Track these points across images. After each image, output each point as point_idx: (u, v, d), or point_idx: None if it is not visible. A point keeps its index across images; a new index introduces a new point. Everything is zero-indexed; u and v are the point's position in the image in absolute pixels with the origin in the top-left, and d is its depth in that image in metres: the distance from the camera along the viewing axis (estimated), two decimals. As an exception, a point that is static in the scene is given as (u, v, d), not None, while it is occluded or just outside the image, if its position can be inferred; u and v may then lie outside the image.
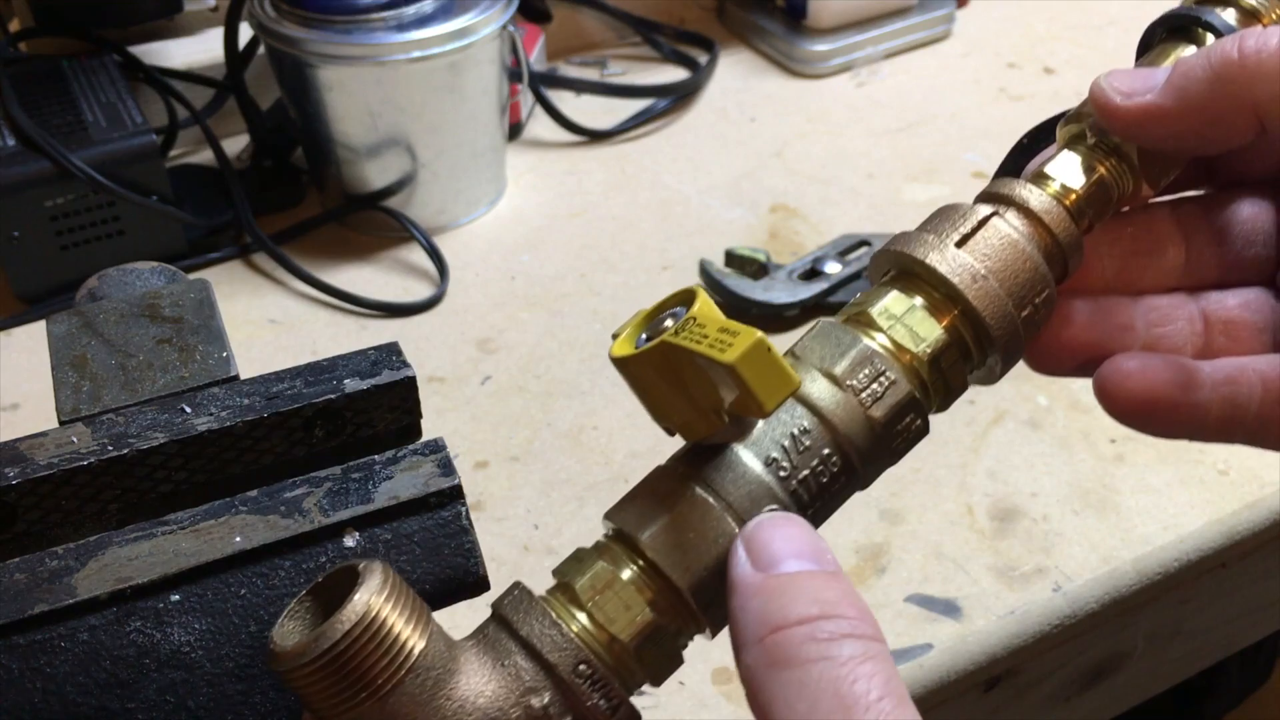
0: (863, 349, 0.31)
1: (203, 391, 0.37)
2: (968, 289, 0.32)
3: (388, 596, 0.27)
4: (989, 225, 0.33)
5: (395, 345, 0.39)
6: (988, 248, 0.32)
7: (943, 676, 0.55)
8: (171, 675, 0.30)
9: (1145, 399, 0.33)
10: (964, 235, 0.33)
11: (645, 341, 0.30)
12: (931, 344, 0.32)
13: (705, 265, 0.78)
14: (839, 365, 0.31)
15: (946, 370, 0.32)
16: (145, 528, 0.32)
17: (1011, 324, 0.32)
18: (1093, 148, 0.35)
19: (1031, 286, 0.33)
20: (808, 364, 0.32)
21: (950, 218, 0.33)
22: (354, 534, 0.33)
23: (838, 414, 0.31)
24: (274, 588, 0.31)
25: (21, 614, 0.30)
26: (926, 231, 0.33)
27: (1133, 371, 0.33)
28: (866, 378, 0.31)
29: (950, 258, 0.32)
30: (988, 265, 0.32)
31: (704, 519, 0.30)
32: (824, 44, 1.03)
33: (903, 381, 0.31)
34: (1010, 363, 0.33)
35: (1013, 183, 0.34)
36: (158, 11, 0.90)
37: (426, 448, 0.35)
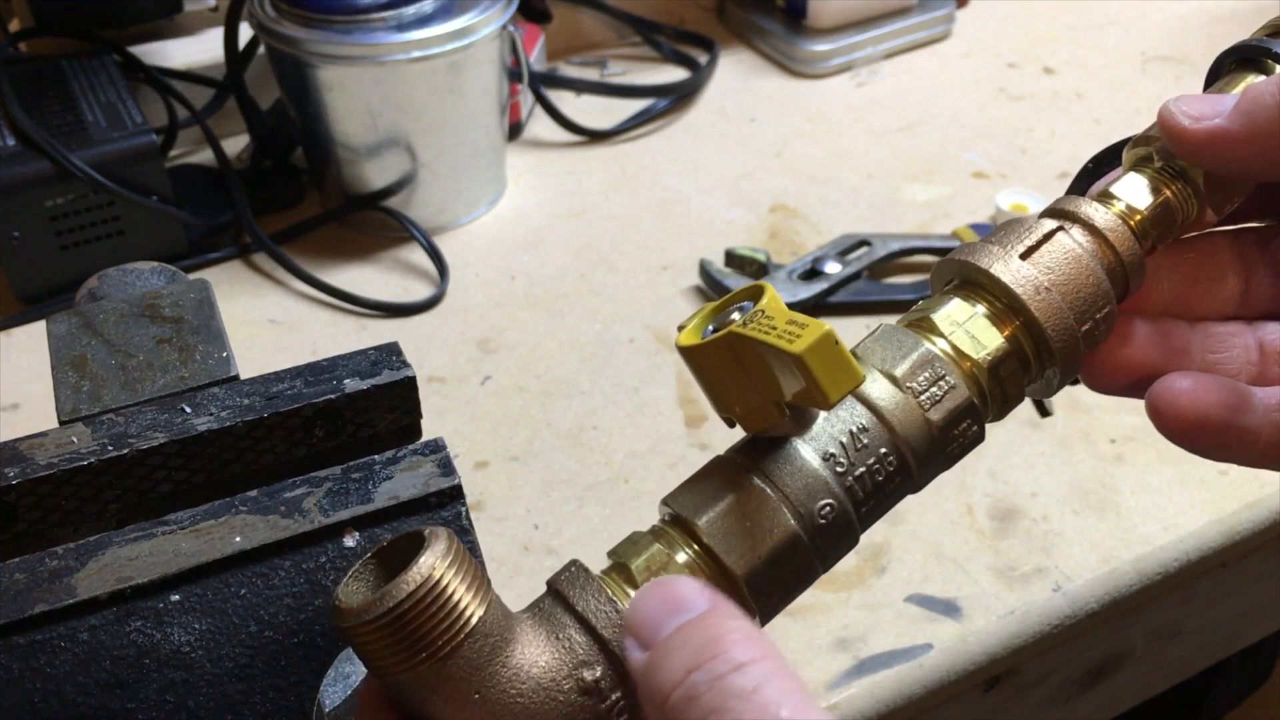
0: (924, 352, 0.32)
1: (203, 391, 0.37)
2: (1030, 300, 0.32)
3: (451, 562, 0.27)
4: (1054, 239, 0.33)
5: (395, 345, 0.39)
6: (1052, 261, 0.33)
7: (943, 676, 0.55)
8: (171, 675, 0.30)
9: (1196, 419, 0.33)
10: (1029, 247, 0.33)
11: (712, 333, 0.30)
12: (992, 352, 0.33)
13: (705, 265, 0.78)
14: (900, 366, 0.32)
15: (1005, 379, 0.33)
16: (145, 528, 0.32)
17: (1072, 337, 0.33)
18: (1159, 171, 0.35)
19: (1093, 302, 0.33)
20: (869, 364, 0.32)
21: (1016, 230, 0.34)
22: (354, 534, 0.33)
23: (896, 414, 0.31)
24: (274, 588, 0.31)
25: (21, 614, 0.30)
26: (992, 243, 0.34)
27: (1185, 391, 0.34)
28: (926, 380, 0.32)
29: (1015, 269, 0.33)
30: (1051, 278, 0.33)
31: (760, 508, 0.30)
32: (824, 44, 1.03)
33: (962, 387, 0.32)
34: (1069, 376, 0.34)
35: (1079, 200, 0.34)
36: (158, 11, 0.90)
37: (426, 448, 0.35)
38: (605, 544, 0.65)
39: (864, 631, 0.56)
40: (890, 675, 0.54)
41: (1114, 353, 0.35)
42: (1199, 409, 0.33)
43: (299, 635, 0.31)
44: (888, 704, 0.54)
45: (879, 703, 0.54)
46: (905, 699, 0.54)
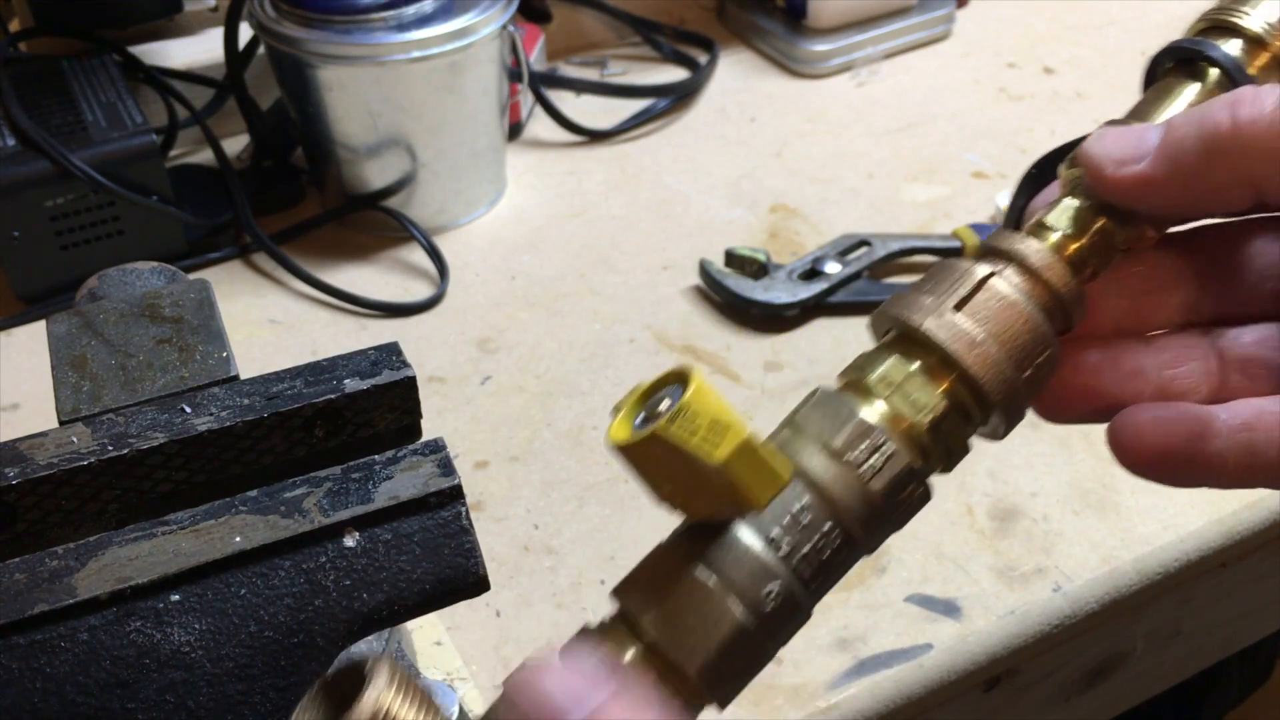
0: (860, 421, 0.31)
1: (203, 391, 0.37)
2: (966, 356, 0.31)
3: (396, 690, 0.27)
4: (987, 287, 0.32)
5: (395, 345, 0.39)
6: (987, 311, 0.32)
7: (943, 676, 0.55)
8: (171, 675, 0.30)
9: (1159, 453, 0.33)
10: (962, 298, 0.32)
11: (642, 424, 0.30)
12: (931, 412, 0.32)
13: (705, 265, 0.78)
14: (838, 438, 0.31)
15: (947, 435, 0.32)
16: (145, 528, 0.32)
17: (1012, 388, 0.32)
18: (1094, 196, 0.34)
19: (1032, 348, 0.32)
20: (806, 435, 0.32)
21: (949, 278, 0.33)
22: (354, 534, 0.33)
23: (837, 489, 0.31)
24: (274, 588, 0.31)
25: (21, 614, 0.30)
26: (925, 293, 0.33)
27: (1146, 425, 0.33)
28: (866, 450, 0.31)
29: (948, 324, 0.32)
30: (987, 329, 0.32)
31: (706, 601, 0.30)
32: (824, 44, 1.03)
33: (903, 453, 0.31)
34: (1013, 423, 0.33)
35: (1013, 236, 0.33)
36: (158, 11, 0.90)
37: (426, 448, 0.35)
38: (605, 544, 0.65)
39: (864, 631, 0.56)
40: (890, 675, 0.54)
41: (1066, 383, 0.34)
42: (1161, 443, 0.33)
43: (299, 635, 0.31)
44: (888, 704, 0.54)
45: (879, 703, 0.54)
46: (905, 699, 0.54)
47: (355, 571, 0.32)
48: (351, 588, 0.32)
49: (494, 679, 0.54)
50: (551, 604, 0.58)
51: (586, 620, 0.32)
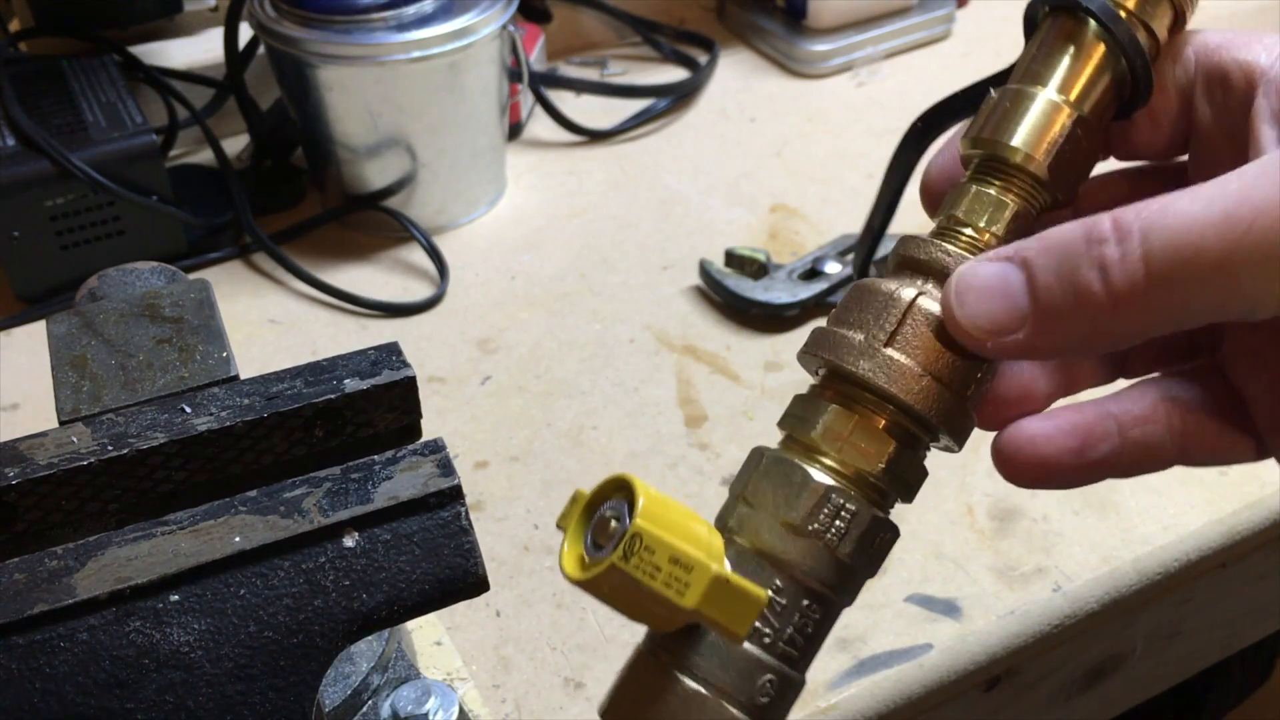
0: (816, 488, 0.30)
1: (203, 391, 0.37)
2: (909, 394, 0.30)
3: None
4: (915, 311, 0.31)
5: (395, 345, 0.39)
6: (919, 339, 0.31)
7: (943, 676, 0.55)
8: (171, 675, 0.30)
9: (1042, 469, 0.32)
10: (891, 332, 0.31)
11: (592, 547, 0.29)
12: (882, 458, 0.31)
13: (705, 265, 0.78)
14: (796, 511, 0.30)
15: (902, 471, 0.31)
16: (145, 528, 0.32)
17: (958, 410, 0.31)
18: (997, 173, 0.32)
19: (972, 365, 0.31)
20: (762, 510, 0.31)
21: (874, 306, 0.31)
22: (354, 534, 0.33)
23: (807, 564, 0.30)
24: (273, 588, 0.31)
25: (21, 614, 0.30)
26: (853, 328, 0.31)
27: (1025, 445, 0.32)
28: (827, 517, 0.30)
29: (884, 363, 0.30)
30: (923, 360, 0.30)
31: (702, 713, 0.29)
32: (824, 44, 1.03)
33: (864, 508, 0.30)
34: (964, 438, 0.32)
35: (926, 245, 0.32)
36: (158, 11, 0.90)
37: (426, 448, 0.35)
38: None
39: (864, 631, 0.56)
40: (890, 675, 0.54)
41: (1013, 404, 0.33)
42: (1043, 459, 0.32)
43: (299, 635, 0.31)
44: (888, 704, 0.54)
45: (879, 703, 0.54)
46: (905, 699, 0.54)
47: (355, 572, 0.32)
48: (351, 588, 0.32)
49: (494, 679, 0.55)
50: (551, 604, 0.58)
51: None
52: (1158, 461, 0.32)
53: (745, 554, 0.31)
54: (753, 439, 0.67)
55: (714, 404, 0.69)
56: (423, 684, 0.43)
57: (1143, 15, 0.32)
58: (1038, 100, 0.32)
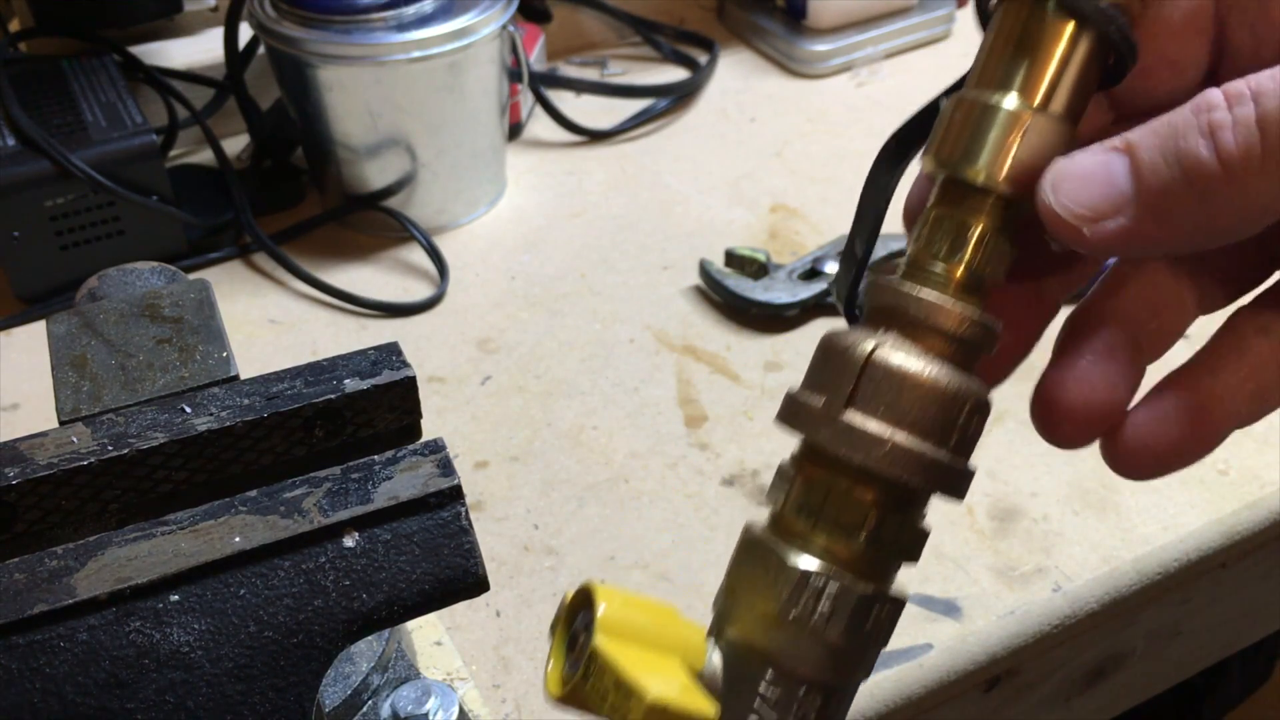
0: (793, 572, 0.28)
1: (203, 391, 0.37)
2: (876, 462, 0.28)
3: None
4: (872, 366, 0.28)
5: (395, 345, 0.39)
6: (881, 397, 0.28)
7: (943, 676, 0.55)
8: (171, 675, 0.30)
9: (1168, 458, 0.29)
10: (849, 393, 0.28)
11: (572, 664, 0.28)
12: (863, 529, 0.28)
13: (705, 265, 0.78)
14: (777, 601, 0.28)
15: (892, 539, 0.29)
16: (145, 528, 0.32)
17: (938, 467, 0.28)
18: (962, 194, 0.29)
19: (947, 414, 0.28)
20: (744, 601, 0.29)
21: (833, 365, 0.29)
22: (354, 534, 0.33)
23: (796, 654, 0.28)
24: (273, 588, 0.31)
25: (21, 614, 0.30)
26: (815, 390, 0.29)
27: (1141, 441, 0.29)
28: (810, 601, 0.28)
29: (844, 430, 0.28)
30: (890, 418, 0.28)
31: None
32: (824, 44, 1.03)
33: (850, 588, 0.28)
34: (963, 490, 0.29)
35: (887, 288, 0.29)
36: (158, 11, 0.90)
37: (426, 448, 0.35)
38: (605, 544, 0.65)
39: (864, 631, 0.56)
40: (890, 675, 0.54)
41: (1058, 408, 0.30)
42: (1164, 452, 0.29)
43: (298, 635, 0.31)
44: (888, 704, 0.54)
45: (879, 703, 0.54)
46: (905, 699, 0.54)
47: (355, 572, 0.32)
48: (351, 588, 0.32)
49: (494, 679, 0.55)
50: (551, 604, 0.58)
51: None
52: (1275, 400, 0.30)
53: (735, 646, 0.29)
54: (753, 439, 0.67)
55: (714, 404, 0.69)
56: (423, 684, 0.43)
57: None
58: (994, 108, 0.28)
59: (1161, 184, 0.26)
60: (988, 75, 0.29)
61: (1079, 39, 0.28)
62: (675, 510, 0.63)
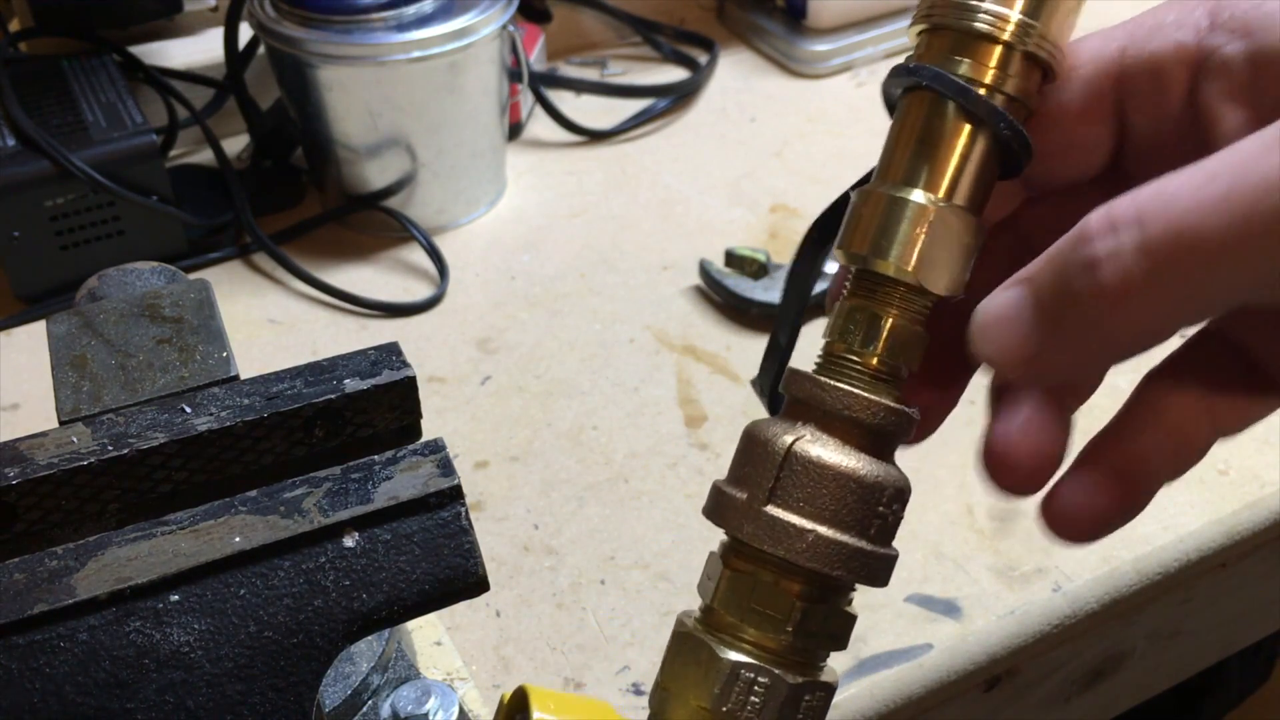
0: (723, 666, 0.29)
1: (203, 391, 0.37)
2: (798, 556, 0.29)
3: None
4: (791, 458, 0.29)
5: (395, 345, 0.39)
6: (802, 491, 0.29)
7: (943, 676, 0.55)
8: (171, 675, 0.30)
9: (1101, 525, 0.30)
10: (770, 488, 0.29)
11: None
12: (788, 621, 0.29)
13: (705, 265, 0.78)
14: (708, 694, 0.29)
15: (819, 628, 0.30)
16: (145, 528, 0.32)
17: (861, 556, 0.29)
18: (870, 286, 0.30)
19: (868, 502, 0.29)
20: (679, 697, 0.30)
21: (754, 459, 0.30)
22: (354, 534, 0.33)
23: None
24: (273, 588, 0.31)
25: (21, 614, 0.30)
26: (740, 487, 0.30)
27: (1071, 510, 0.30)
28: (740, 694, 0.29)
29: (767, 524, 0.29)
30: (809, 510, 0.29)
31: None
32: (824, 44, 1.03)
33: (780, 678, 0.29)
34: (879, 578, 0.30)
35: (804, 381, 0.30)
36: (158, 11, 0.90)
37: (426, 448, 0.35)
38: (605, 544, 0.65)
39: (864, 631, 0.56)
40: (890, 675, 0.54)
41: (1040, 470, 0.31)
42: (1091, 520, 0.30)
43: (298, 635, 0.31)
44: (888, 704, 0.54)
45: (879, 703, 0.54)
46: (905, 699, 0.54)
47: (355, 572, 0.32)
48: (351, 588, 0.32)
49: (494, 679, 0.54)
50: (551, 604, 0.58)
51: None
52: (1198, 454, 0.30)
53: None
54: (753, 439, 0.67)
55: (714, 404, 0.69)
56: (423, 684, 0.43)
57: (1001, 84, 0.29)
58: (900, 200, 0.29)
59: (1058, 319, 0.26)
60: (894, 169, 0.30)
61: (976, 136, 0.29)
62: (675, 510, 0.63)
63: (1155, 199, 0.24)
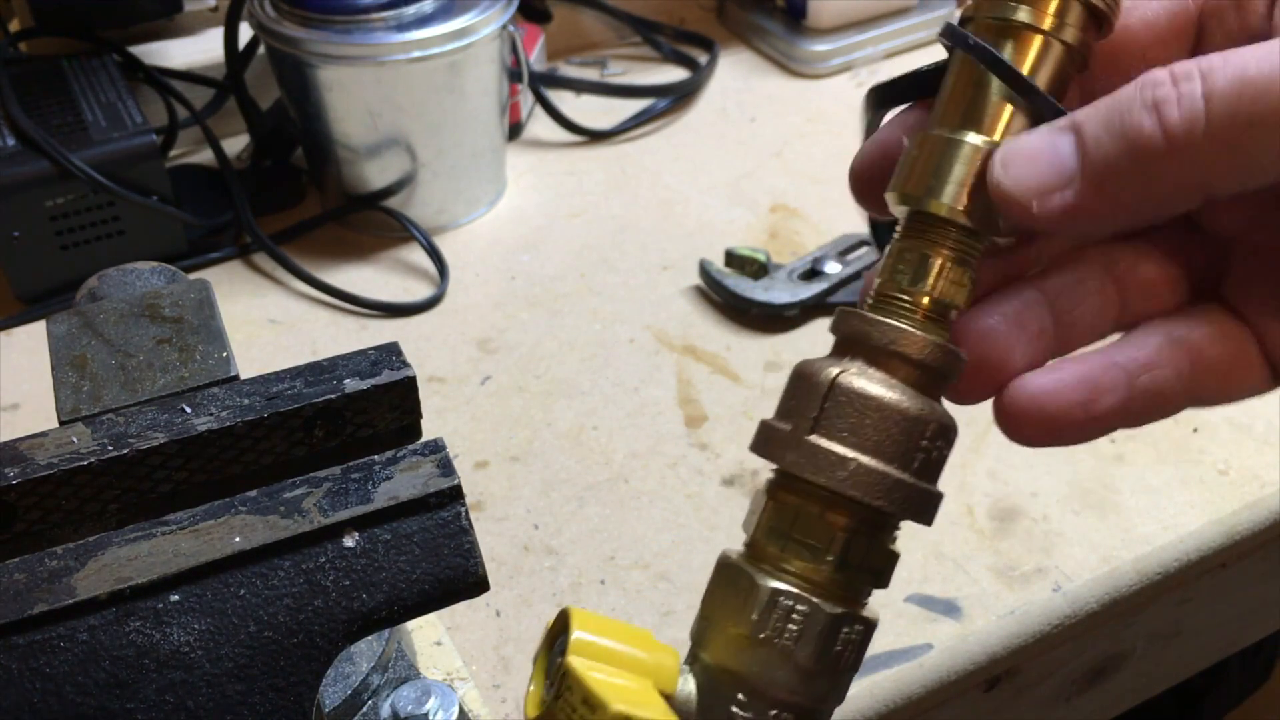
0: (762, 591, 0.29)
1: (203, 391, 0.37)
2: (839, 484, 0.29)
3: None
4: (836, 390, 0.29)
5: (395, 345, 0.39)
6: (845, 421, 0.29)
7: (943, 676, 0.55)
8: (171, 675, 0.30)
9: (1050, 424, 0.30)
10: (814, 417, 0.29)
11: (549, 687, 0.29)
12: (829, 551, 0.29)
13: (705, 265, 0.78)
14: (748, 622, 0.29)
15: (861, 561, 0.30)
16: (145, 528, 0.32)
17: (903, 488, 0.30)
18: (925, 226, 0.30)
19: (911, 437, 0.29)
20: (719, 623, 0.30)
21: (801, 392, 0.30)
22: (354, 534, 0.33)
23: (765, 675, 0.29)
24: (273, 588, 0.31)
25: (21, 614, 0.30)
26: (785, 419, 0.30)
27: (1029, 402, 0.30)
28: (779, 621, 0.29)
29: (809, 452, 0.29)
30: (852, 441, 0.29)
31: None
32: (824, 44, 1.03)
33: (819, 607, 0.29)
34: (923, 513, 0.31)
35: (852, 317, 0.30)
36: (158, 11, 0.90)
37: (426, 448, 0.35)
38: (605, 544, 0.66)
39: (864, 631, 0.56)
40: (890, 675, 0.54)
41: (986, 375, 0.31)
42: (1049, 413, 0.30)
43: (298, 635, 0.31)
44: (888, 704, 0.54)
45: (879, 703, 0.54)
46: (905, 699, 0.54)
47: (355, 572, 0.32)
48: (351, 588, 0.32)
49: (494, 679, 0.54)
50: (551, 604, 0.58)
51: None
52: (1167, 406, 0.31)
53: (709, 669, 0.30)
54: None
55: (714, 404, 0.69)
56: (423, 684, 0.43)
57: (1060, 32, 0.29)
58: (955, 143, 0.30)
59: (1105, 157, 0.26)
60: (949, 115, 0.30)
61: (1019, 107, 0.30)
62: (675, 510, 0.63)
63: (1222, 57, 0.25)
